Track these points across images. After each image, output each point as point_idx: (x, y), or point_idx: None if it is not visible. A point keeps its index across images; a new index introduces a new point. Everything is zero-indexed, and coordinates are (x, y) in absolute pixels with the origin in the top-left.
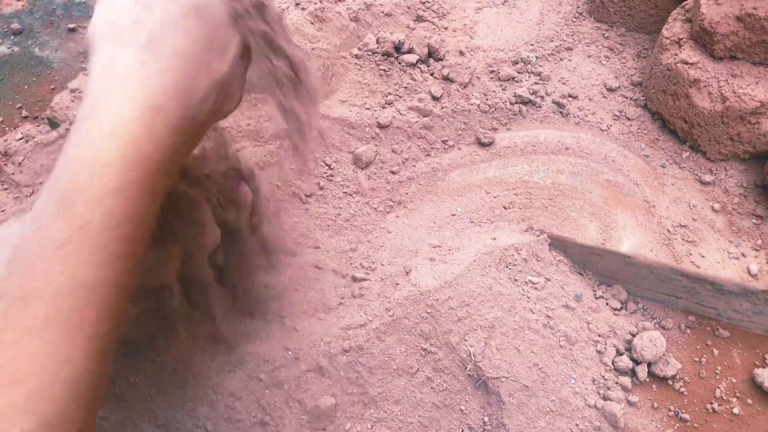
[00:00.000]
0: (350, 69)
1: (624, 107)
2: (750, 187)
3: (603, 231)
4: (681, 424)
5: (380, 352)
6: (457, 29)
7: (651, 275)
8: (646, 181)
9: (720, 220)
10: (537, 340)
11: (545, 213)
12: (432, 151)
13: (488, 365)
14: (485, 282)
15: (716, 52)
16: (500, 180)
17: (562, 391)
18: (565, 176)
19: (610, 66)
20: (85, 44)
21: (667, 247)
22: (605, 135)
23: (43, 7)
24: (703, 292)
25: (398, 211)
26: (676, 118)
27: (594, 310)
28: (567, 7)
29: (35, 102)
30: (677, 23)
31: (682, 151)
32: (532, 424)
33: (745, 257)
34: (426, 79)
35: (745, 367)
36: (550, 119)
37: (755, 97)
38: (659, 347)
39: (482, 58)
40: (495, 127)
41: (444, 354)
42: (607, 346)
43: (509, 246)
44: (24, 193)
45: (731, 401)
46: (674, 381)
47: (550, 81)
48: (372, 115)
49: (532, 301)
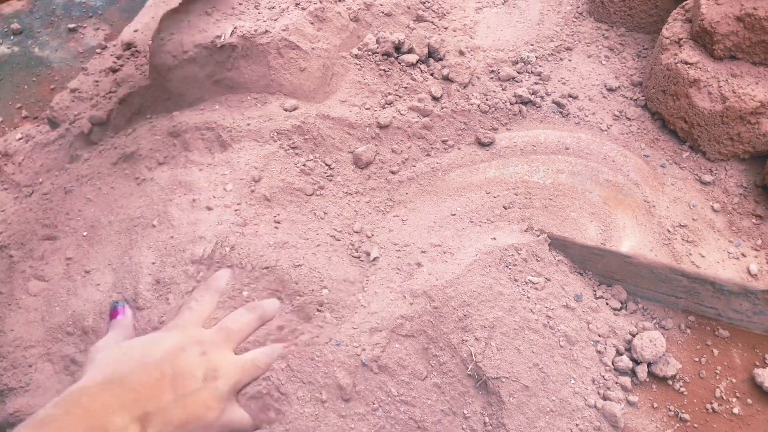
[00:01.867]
0: (350, 69)
1: (624, 107)
2: (750, 187)
3: (603, 231)
4: (681, 424)
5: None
6: (457, 29)
7: (651, 275)
8: (646, 181)
9: (720, 220)
10: (537, 340)
11: (545, 213)
12: (432, 151)
13: (488, 365)
14: (485, 282)
15: (716, 52)
16: (500, 180)
17: (562, 391)
18: (565, 176)
19: (610, 66)
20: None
21: (667, 247)
22: (605, 135)
23: (43, 7)
24: (702, 292)
25: (398, 211)
26: (676, 118)
27: (594, 310)
28: (567, 7)
29: (35, 102)
30: (677, 23)
31: (682, 151)
32: (532, 424)
33: (744, 257)
34: (426, 79)
35: (745, 367)
36: (550, 119)
37: (755, 97)
38: (659, 347)
39: (482, 58)
40: (495, 127)
41: (448, 357)
42: (607, 346)
43: (509, 246)
44: (24, 193)
45: (731, 401)
46: (674, 381)
47: (550, 81)
48: (372, 115)
49: (533, 301)
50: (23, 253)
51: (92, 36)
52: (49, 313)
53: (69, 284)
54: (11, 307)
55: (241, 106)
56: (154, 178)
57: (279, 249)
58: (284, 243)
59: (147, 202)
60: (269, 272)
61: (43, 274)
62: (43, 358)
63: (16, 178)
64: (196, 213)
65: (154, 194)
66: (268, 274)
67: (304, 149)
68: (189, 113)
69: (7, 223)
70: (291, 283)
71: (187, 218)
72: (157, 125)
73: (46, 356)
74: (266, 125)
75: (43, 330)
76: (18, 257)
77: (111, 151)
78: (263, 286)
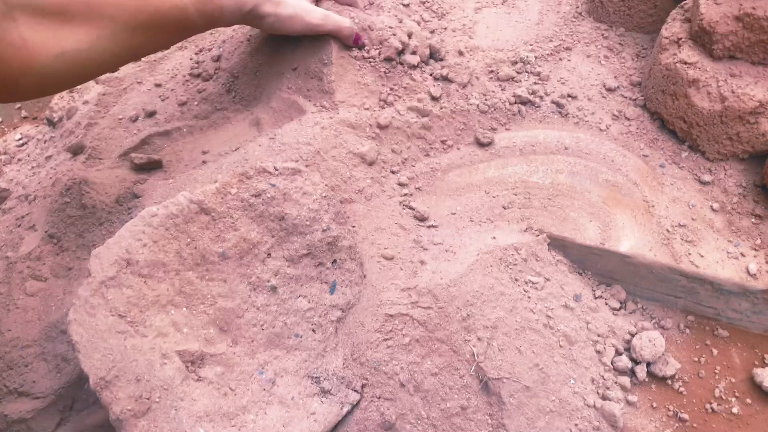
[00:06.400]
0: (349, 69)
1: (623, 107)
2: (749, 186)
3: (602, 231)
4: (680, 424)
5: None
6: (456, 29)
7: (650, 275)
8: (645, 180)
9: (719, 220)
10: (537, 341)
11: (544, 213)
12: (431, 151)
13: (490, 366)
14: (487, 282)
15: (715, 51)
16: (499, 180)
17: (561, 392)
18: (564, 176)
19: (609, 66)
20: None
21: (666, 247)
22: (604, 135)
23: None
24: (702, 292)
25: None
26: (675, 118)
27: (593, 309)
28: (566, 7)
29: (34, 102)
30: (676, 23)
31: (681, 151)
32: (532, 425)
33: (744, 257)
34: (425, 79)
35: (745, 367)
36: (549, 119)
37: (754, 97)
38: (658, 347)
39: (481, 58)
40: (494, 127)
41: (453, 358)
42: (606, 346)
43: (509, 246)
44: (24, 193)
45: (730, 401)
46: (673, 381)
47: (549, 81)
48: (371, 116)
49: (533, 301)
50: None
51: None
52: (45, 313)
53: (65, 283)
54: (8, 308)
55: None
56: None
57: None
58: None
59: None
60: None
61: (41, 273)
62: (39, 357)
63: (16, 178)
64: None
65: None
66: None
67: None
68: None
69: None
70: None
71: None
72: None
73: (41, 355)
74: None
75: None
76: (15, 258)
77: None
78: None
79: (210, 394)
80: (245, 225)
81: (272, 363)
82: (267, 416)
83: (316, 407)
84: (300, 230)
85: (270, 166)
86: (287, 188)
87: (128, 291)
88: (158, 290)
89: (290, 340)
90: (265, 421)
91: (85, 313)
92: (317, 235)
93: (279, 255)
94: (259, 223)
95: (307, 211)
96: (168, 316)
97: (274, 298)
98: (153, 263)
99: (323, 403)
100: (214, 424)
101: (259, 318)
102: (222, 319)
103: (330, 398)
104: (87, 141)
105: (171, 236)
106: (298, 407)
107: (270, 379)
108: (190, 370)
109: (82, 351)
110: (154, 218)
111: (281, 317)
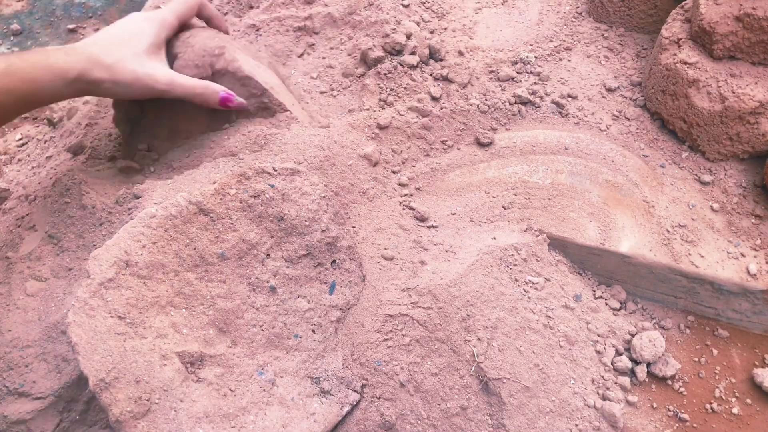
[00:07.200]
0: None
1: (623, 107)
2: (749, 186)
3: (602, 231)
4: (680, 424)
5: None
6: (456, 29)
7: (650, 275)
8: (646, 181)
9: (719, 220)
10: (537, 341)
11: (544, 213)
12: (431, 151)
13: (490, 366)
14: (487, 282)
15: (715, 52)
16: (499, 180)
17: (561, 392)
18: (565, 176)
19: (610, 66)
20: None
21: (666, 247)
22: (604, 135)
23: (43, 7)
24: (702, 292)
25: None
26: (675, 118)
27: (593, 310)
28: (566, 7)
29: None
30: (676, 23)
31: (681, 151)
32: (532, 425)
33: (744, 257)
34: (425, 79)
35: (745, 367)
36: (550, 119)
37: (754, 97)
38: (658, 347)
39: (481, 58)
40: (494, 127)
41: (453, 358)
42: (606, 346)
43: (509, 246)
44: (24, 193)
45: (730, 401)
46: (673, 381)
47: (550, 81)
48: (371, 116)
49: (533, 302)
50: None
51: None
52: (45, 313)
53: (65, 283)
54: (9, 308)
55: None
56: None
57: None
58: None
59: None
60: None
61: (41, 274)
62: (39, 357)
63: (16, 178)
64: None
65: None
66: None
67: None
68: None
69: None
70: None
71: None
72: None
73: (41, 356)
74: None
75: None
76: (15, 258)
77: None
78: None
79: (210, 395)
80: (244, 226)
81: (272, 363)
82: (267, 417)
83: (316, 408)
84: (299, 231)
85: (269, 166)
86: (286, 189)
87: (127, 292)
88: (157, 291)
89: (290, 341)
90: (264, 422)
91: (84, 314)
92: (316, 235)
93: (278, 255)
94: (258, 224)
95: (306, 211)
96: (167, 318)
97: (273, 299)
98: (152, 264)
99: (323, 404)
100: (214, 425)
101: (259, 319)
102: (221, 320)
103: (330, 399)
104: (87, 141)
105: (170, 237)
106: (298, 408)
107: (270, 380)
108: (189, 371)
109: (82, 353)
110: (153, 219)
111: (281, 318)
